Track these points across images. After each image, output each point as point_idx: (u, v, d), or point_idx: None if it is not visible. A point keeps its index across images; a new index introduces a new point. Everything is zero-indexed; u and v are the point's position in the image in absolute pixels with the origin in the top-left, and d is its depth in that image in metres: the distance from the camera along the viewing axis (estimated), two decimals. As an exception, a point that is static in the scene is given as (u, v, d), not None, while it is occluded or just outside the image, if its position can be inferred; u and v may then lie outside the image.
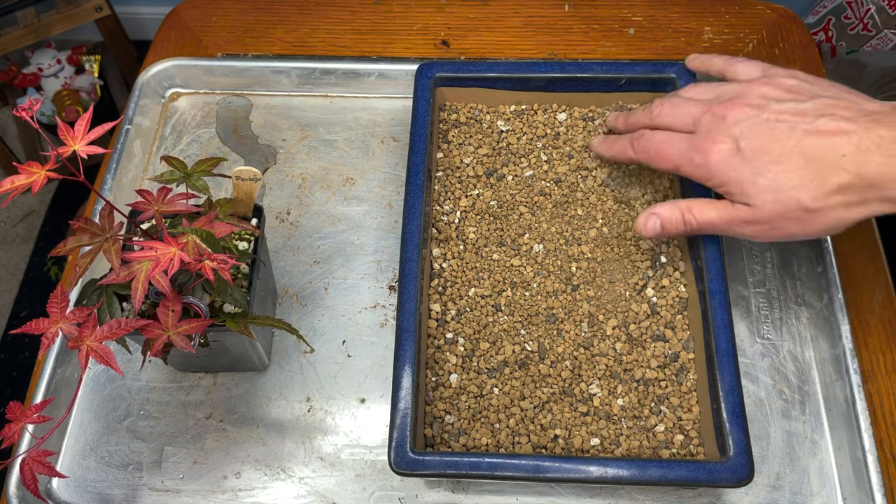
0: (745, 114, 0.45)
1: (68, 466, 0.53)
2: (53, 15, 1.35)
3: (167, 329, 0.40)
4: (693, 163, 0.46)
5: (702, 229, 0.47)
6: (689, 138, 0.47)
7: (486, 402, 0.50)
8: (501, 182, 0.58)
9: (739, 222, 0.45)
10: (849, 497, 0.50)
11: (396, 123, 0.68)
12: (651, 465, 0.44)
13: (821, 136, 0.42)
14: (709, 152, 0.45)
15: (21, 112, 0.38)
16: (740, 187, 0.44)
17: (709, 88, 0.50)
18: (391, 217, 0.62)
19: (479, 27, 0.75)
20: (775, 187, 0.43)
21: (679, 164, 0.47)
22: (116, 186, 0.62)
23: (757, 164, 0.43)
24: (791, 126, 0.43)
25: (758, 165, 0.43)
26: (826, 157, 0.42)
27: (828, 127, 0.42)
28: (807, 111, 0.44)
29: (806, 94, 0.45)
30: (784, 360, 0.55)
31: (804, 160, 0.42)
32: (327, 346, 0.57)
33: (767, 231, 0.45)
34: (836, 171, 0.41)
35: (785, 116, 0.44)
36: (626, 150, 0.52)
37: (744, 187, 0.44)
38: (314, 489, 0.51)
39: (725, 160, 0.45)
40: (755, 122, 0.44)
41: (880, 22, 1.16)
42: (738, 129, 0.45)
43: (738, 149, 0.44)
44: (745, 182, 0.44)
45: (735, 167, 0.44)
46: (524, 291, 0.54)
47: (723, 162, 0.45)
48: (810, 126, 0.43)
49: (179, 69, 0.69)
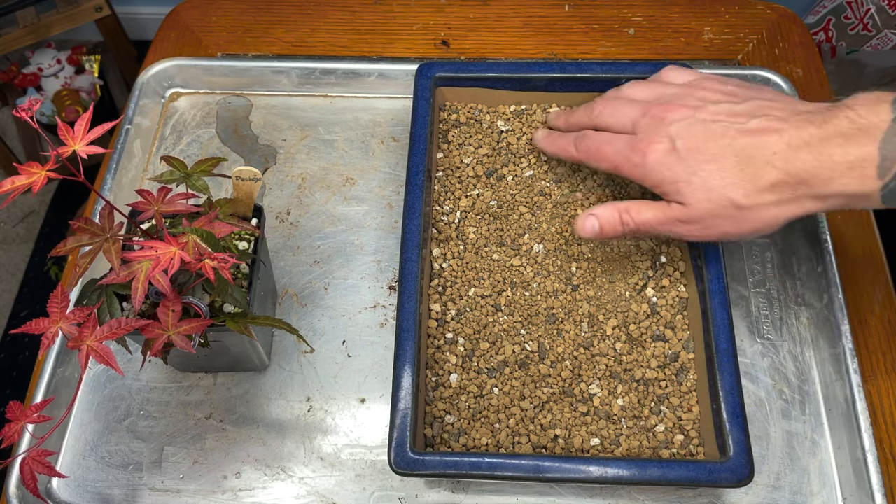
0: (683, 114, 0.46)
1: (68, 466, 0.53)
2: (53, 15, 1.35)
3: (167, 329, 0.40)
4: (631, 162, 0.47)
5: (639, 230, 0.48)
6: (628, 139, 0.48)
7: (486, 402, 0.50)
8: (501, 182, 0.58)
9: (674, 221, 0.46)
10: (849, 497, 0.50)
11: (396, 123, 0.68)
12: (651, 465, 0.44)
13: (753, 135, 0.43)
14: (646, 152, 0.46)
15: (21, 112, 0.38)
16: (675, 186, 0.45)
17: (649, 88, 0.50)
18: (391, 217, 0.62)
19: (479, 27, 0.75)
20: (708, 185, 0.43)
21: (618, 164, 0.48)
22: (116, 186, 0.62)
23: (691, 163, 0.44)
24: (725, 126, 0.44)
25: (692, 164, 0.44)
26: (758, 156, 0.42)
27: (760, 126, 0.43)
28: (741, 112, 0.44)
29: (741, 96, 0.46)
30: (784, 360, 0.55)
31: (736, 159, 0.43)
32: (327, 346, 0.57)
33: (701, 230, 0.45)
34: (767, 168, 0.42)
35: (720, 117, 0.45)
36: (568, 149, 0.52)
37: (678, 186, 0.45)
38: (314, 489, 0.51)
39: (661, 160, 0.45)
40: (691, 122, 0.45)
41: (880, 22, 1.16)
42: (674, 129, 0.45)
43: (674, 148, 0.45)
44: (680, 181, 0.44)
45: (670, 166, 0.45)
46: (524, 291, 0.54)
47: (659, 161, 0.45)
48: (743, 126, 0.43)
49: (179, 69, 0.69)
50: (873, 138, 0.39)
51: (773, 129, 0.42)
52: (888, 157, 0.39)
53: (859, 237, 0.62)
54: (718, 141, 0.44)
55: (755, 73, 0.67)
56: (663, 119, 0.46)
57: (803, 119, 0.42)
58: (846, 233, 0.62)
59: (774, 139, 0.42)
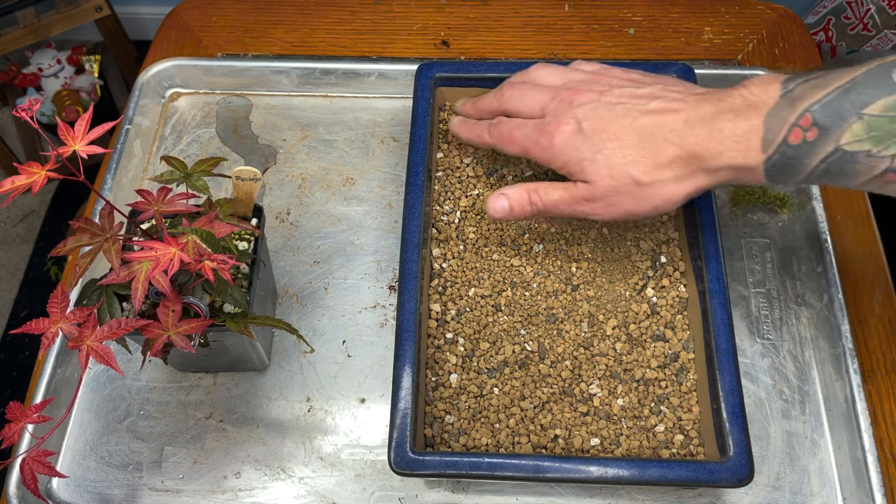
0: (589, 98, 0.47)
1: (68, 466, 0.53)
2: (53, 15, 1.35)
3: (167, 329, 0.40)
4: (539, 145, 0.48)
5: (547, 210, 0.49)
6: (536, 123, 0.49)
7: (486, 402, 0.50)
8: (501, 182, 0.58)
9: (580, 200, 0.47)
10: (849, 497, 0.50)
11: (396, 123, 0.68)
12: (651, 465, 0.44)
13: (653, 114, 0.45)
14: (553, 134, 0.47)
15: (21, 112, 0.38)
16: (580, 166, 0.46)
17: (557, 73, 0.52)
18: (391, 217, 0.62)
19: (479, 27, 0.75)
20: (610, 163, 0.45)
21: (527, 148, 0.49)
22: (116, 186, 0.62)
23: (596, 143, 0.45)
24: (628, 108, 0.46)
25: (596, 143, 0.45)
26: (657, 133, 0.44)
27: (660, 107, 0.45)
28: (643, 94, 0.46)
29: (644, 82, 0.48)
30: (784, 360, 0.55)
31: (637, 137, 0.44)
32: (327, 346, 0.57)
33: (605, 208, 0.46)
34: (665, 145, 0.44)
35: (623, 99, 0.46)
36: (482, 135, 0.53)
37: (583, 165, 0.46)
38: (314, 489, 0.51)
39: (567, 141, 0.46)
40: (596, 104, 0.47)
41: (880, 22, 1.16)
42: (580, 111, 0.47)
43: (579, 129, 0.46)
44: (584, 160, 0.46)
45: (576, 146, 0.46)
46: (524, 291, 0.54)
47: (565, 143, 0.46)
48: (644, 107, 0.45)
49: (179, 69, 0.69)
50: (760, 113, 0.41)
51: (672, 109, 0.44)
52: (772, 129, 0.40)
53: (859, 237, 0.62)
54: (621, 121, 0.45)
55: (755, 73, 0.66)
56: (571, 102, 0.48)
57: (700, 98, 0.44)
58: (846, 233, 0.62)
59: (672, 118, 0.44)
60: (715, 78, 0.66)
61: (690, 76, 0.58)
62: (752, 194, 0.61)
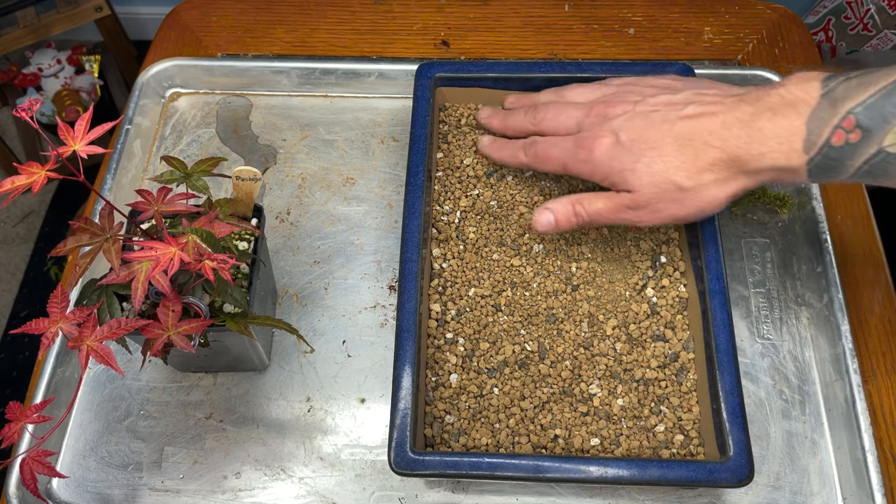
0: (623, 109, 0.48)
1: (68, 466, 0.53)
2: (53, 15, 1.35)
3: (167, 329, 0.40)
4: (578, 159, 0.49)
5: (592, 220, 0.50)
6: (574, 138, 0.50)
7: (486, 402, 0.50)
8: (501, 182, 0.58)
9: (623, 209, 0.47)
10: (849, 497, 0.50)
11: (396, 123, 0.68)
12: (651, 465, 0.44)
13: (691, 119, 0.45)
14: (592, 148, 0.48)
15: (21, 112, 0.38)
16: (621, 176, 0.47)
17: (589, 90, 0.53)
18: (391, 217, 0.62)
19: (479, 27, 0.75)
20: (651, 171, 0.45)
21: (566, 163, 0.50)
22: (116, 186, 0.62)
23: (635, 152, 0.46)
24: (664, 114, 0.46)
25: (636, 153, 0.46)
26: (696, 138, 0.44)
27: (697, 111, 0.45)
28: (678, 101, 0.47)
29: (677, 87, 0.49)
30: (784, 360, 0.55)
31: (677, 143, 0.45)
32: (327, 346, 0.57)
33: (649, 214, 0.47)
34: (705, 149, 0.44)
35: (658, 107, 0.47)
36: (517, 156, 0.54)
37: (624, 175, 0.46)
38: (314, 489, 0.51)
39: (607, 153, 0.47)
40: (632, 114, 0.47)
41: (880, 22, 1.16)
42: (617, 122, 0.47)
43: (617, 141, 0.47)
44: (625, 170, 0.46)
45: (616, 157, 0.47)
46: (524, 291, 0.54)
47: (605, 154, 0.47)
48: (681, 112, 0.46)
49: (179, 69, 0.69)
50: (801, 113, 0.41)
51: (709, 112, 0.45)
52: (814, 131, 0.40)
53: (859, 237, 0.62)
54: (659, 128, 0.46)
55: (755, 73, 0.67)
56: (606, 115, 0.48)
57: (737, 100, 0.44)
58: (846, 233, 0.62)
59: (710, 121, 0.44)
60: (715, 78, 0.66)
61: (690, 76, 0.58)
62: (752, 194, 0.61)
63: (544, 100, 0.55)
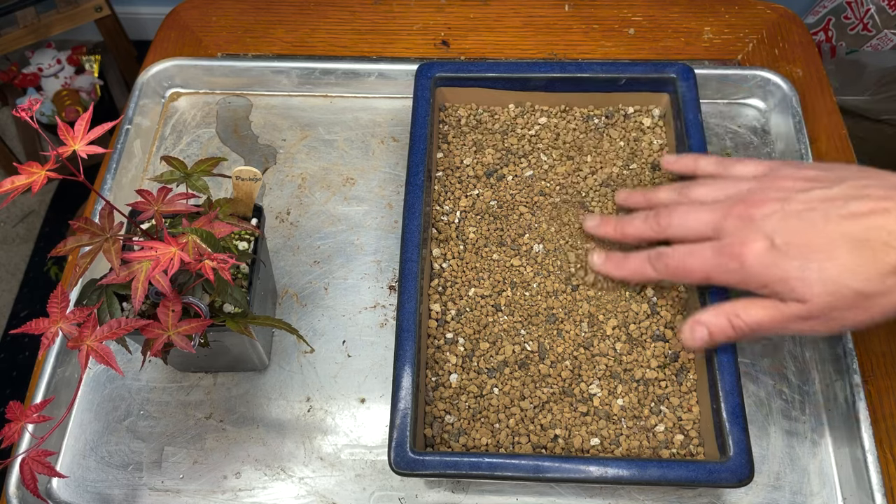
0: (772, 208, 0.43)
1: (68, 466, 0.53)
2: (53, 15, 1.35)
3: (167, 329, 0.40)
4: (726, 269, 0.44)
5: (752, 332, 0.45)
6: (714, 246, 0.45)
7: (486, 402, 0.50)
8: (501, 182, 0.58)
9: (793, 320, 0.43)
10: (849, 497, 0.50)
11: (396, 123, 0.68)
12: (651, 465, 0.44)
13: (859, 218, 0.41)
14: (743, 255, 0.43)
15: (21, 112, 0.39)
16: (786, 284, 0.42)
17: (717, 187, 0.48)
18: (391, 217, 0.62)
19: (479, 27, 0.75)
20: (824, 278, 0.41)
21: (710, 274, 0.45)
22: (116, 186, 0.62)
23: (798, 257, 0.41)
24: (824, 214, 0.42)
25: (800, 258, 0.41)
26: (872, 238, 0.40)
27: (863, 208, 0.41)
28: (836, 196, 0.42)
29: (828, 180, 0.44)
30: (784, 360, 0.55)
31: (849, 246, 0.40)
32: (327, 346, 0.57)
33: (824, 324, 0.42)
34: (885, 250, 0.39)
35: (814, 204, 0.42)
36: (644, 271, 0.49)
37: (791, 284, 0.42)
38: (314, 489, 0.51)
39: (762, 260, 0.42)
40: (784, 214, 0.43)
41: (880, 22, 1.16)
42: (768, 225, 0.43)
43: (772, 245, 0.42)
44: (792, 278, 0.42)
45: (775, 264, 0.42)
46: (524, 291, 0.54)
47: (760, 263, 0.42)
48: (844, 210, 0.41)
49: (179, 69, 0.69)
50: None
51: (879, 209, 0.40)
52: None
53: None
54: (822, 229, 0.41)
55: (755, 73, 0.67)
56: (751, 217, 0.43)
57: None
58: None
59: (885, 219, 0.40)
60: (715, 78, 0.67)
61: (690, 76, 0.58)
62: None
63: (664, 200, 0.50)
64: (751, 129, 0.66)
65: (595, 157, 0.59)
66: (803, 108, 0.65)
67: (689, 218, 0.47)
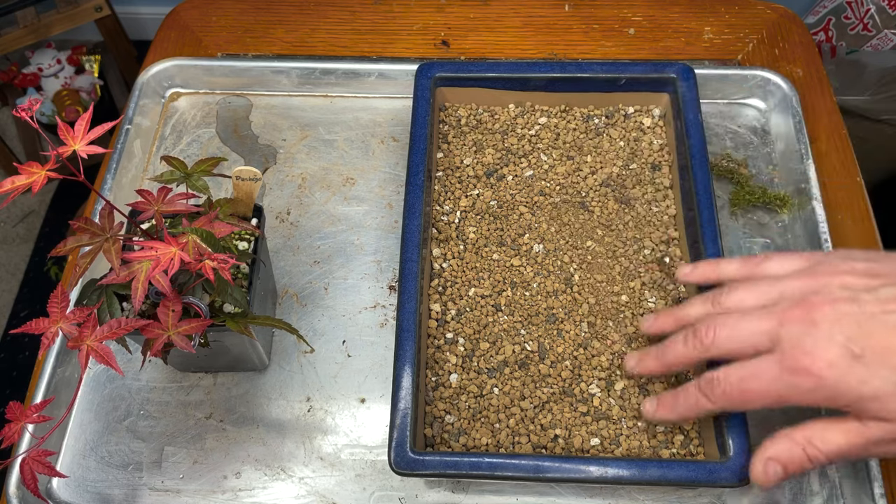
0: (839, 311, 0.38)
1: (68, 466, 0.53)
2: (53, 15, 1.35)
3: (167, 329, 0.40)
4: (800, 389, 0.38)
5: (830, 461, 0.40)
6: (776, 362, 0.39)
7: (486, 402, 0.50)
8: (501, 182, 0.58)
9: (883, 442, 0.38)
10: (849, 497, 0.50)
11: (396, 123, 0.68)
12: (651, 465, 0.44)
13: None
14: (816, 371, 0.37)
15: (21, 112, 0.39)
16: (879, 402, 0.37)
17: (758, 290, 0.42)
18: (391, 217, 0.62)
19: (479, 27, 0.75)
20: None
21: (782, 396, 0.39)
22: (116, 186, 0.62)
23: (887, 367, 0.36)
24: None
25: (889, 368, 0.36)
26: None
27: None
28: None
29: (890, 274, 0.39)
30: (784, 360, 0.55)
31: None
32: (327, 346, 0.57)
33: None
34: None
35: (891, 306, 0.37)
36: (698, 404, 0.43)
37: (884, 402, 0.37)
38: (314, 489, 0.51)
39: (844, 373, 0.37)
40: (855, 318, 0.37)
41: (880, 22, 1.16)
42: (838, 331, 0.37)
43: (852, 355, 0.37)
44: (885, 394, 0.36)
45: (861, 378, 0.37)
46: (524, 291, 0.54)
47: (842, 377, 0.37)
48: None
49: (179, 69, 0.69)
50: None
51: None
52: None
53: (859, 237, 0.62)
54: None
55: (755, 73, 0.67)
56: (814, 322, 0.38)
57: None
58: (846, 233, 0.62)
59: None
60: (715, 78, 0.67)
61: (690, 76, 0.58)
62: (752, 194, 0.61)
63: (698, 314, 0.45)
64: (751, 129, 0.66)
65: (595, 157, 0.59)
66: (803, 108, 0.65)
67: (736, 331, 0.41)
